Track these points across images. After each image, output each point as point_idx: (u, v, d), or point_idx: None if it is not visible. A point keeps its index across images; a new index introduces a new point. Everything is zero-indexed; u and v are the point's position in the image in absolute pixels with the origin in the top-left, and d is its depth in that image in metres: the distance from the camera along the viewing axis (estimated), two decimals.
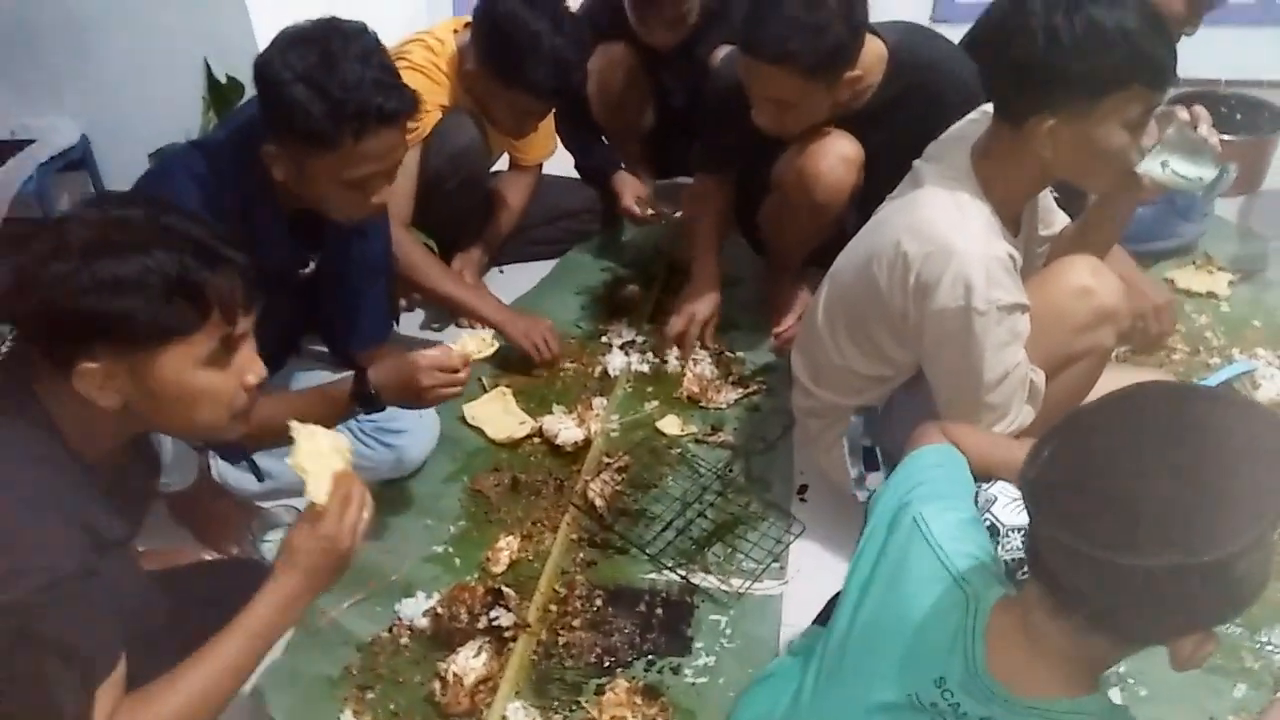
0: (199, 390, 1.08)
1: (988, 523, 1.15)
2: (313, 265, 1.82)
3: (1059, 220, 1.76)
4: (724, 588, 1.75)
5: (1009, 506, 1.15)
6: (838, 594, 1.22)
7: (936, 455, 1.24)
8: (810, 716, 1.12)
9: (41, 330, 1.04)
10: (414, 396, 1.64)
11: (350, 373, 1.66)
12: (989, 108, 1.49)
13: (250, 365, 1.14)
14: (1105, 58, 1.31)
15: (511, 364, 2.29)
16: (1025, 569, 1.01)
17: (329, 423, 1.69)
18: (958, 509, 1.11)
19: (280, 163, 1.56)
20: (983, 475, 1.23)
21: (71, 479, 1.08)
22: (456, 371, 1.63)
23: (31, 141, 2.67)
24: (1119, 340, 1.66)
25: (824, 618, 1.33)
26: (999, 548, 1.12)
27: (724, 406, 2.17)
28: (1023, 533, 1.11)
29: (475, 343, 1.65)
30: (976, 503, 1.17)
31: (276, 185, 1.61)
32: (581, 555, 1.83)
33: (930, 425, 1.36)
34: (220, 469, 1.87)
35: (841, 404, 1.73)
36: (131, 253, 1.01)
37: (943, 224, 1.45)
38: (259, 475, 1.84)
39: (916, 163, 1.59)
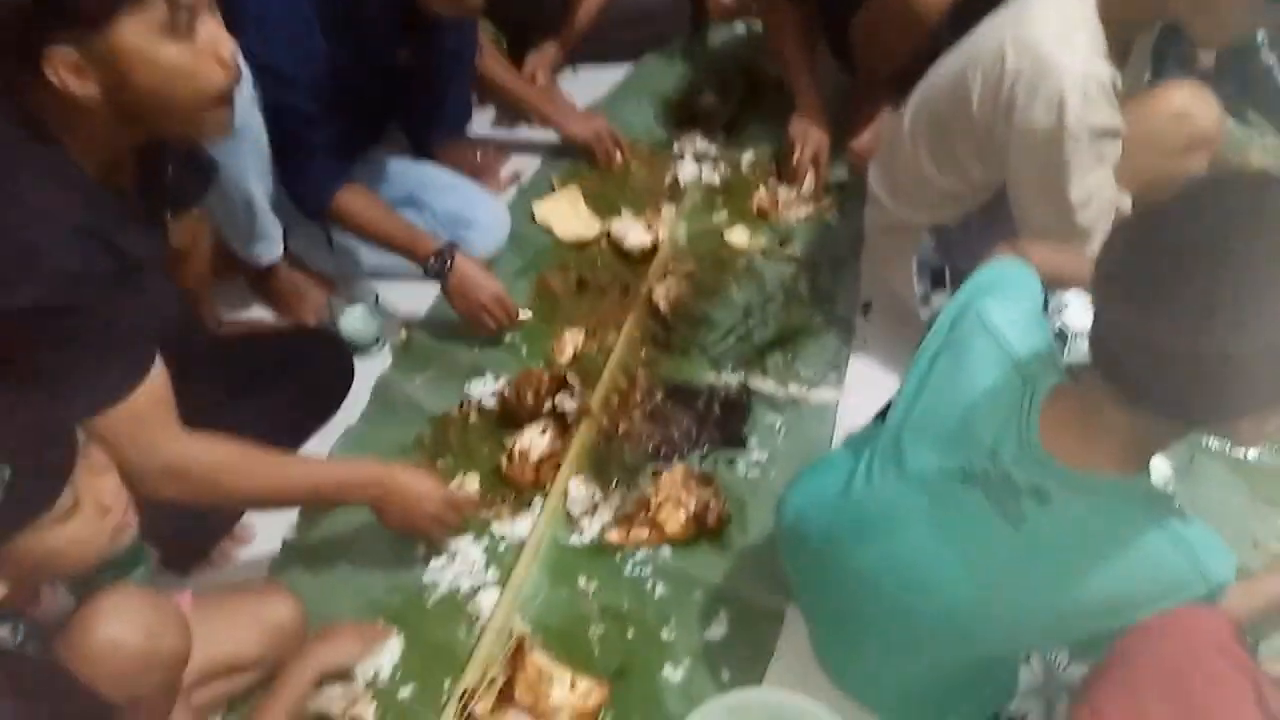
0: (168, 65, 1.05)
1: (1057, 327, 1.16)
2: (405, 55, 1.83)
3: None
4: (781, 392, 1.80)
5: (1080, 312, 1.16)
6: (893, 400, 1.26)
7: (1005, 264, 1.24)
8: (863, 496, 1.17)
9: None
10: (465, 304, 1.83)
11: (445, 246, 1.82)
12: None
13: (219, 39, 1.10)
14: None
15: (578, 163, 2.29)
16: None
17: (406, 257, 1.83)
18: (1022, 305, 1.12)
19: None
20: (1055, 285, 1.23)
21: (81, 193, 1.09)
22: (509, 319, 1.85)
23: None
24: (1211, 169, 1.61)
25: (882, 416, 1.38)
26: (1066, 352, 1.13)
27: (794, 222, 2.16)
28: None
29: None
30: (1046, 309, 1.18)
31: None
32: (644, 353, 1.88)
33: (1002, 244, 1.36)
34: (298, 242, 1.93)
35: (916, 220, 1.71)
36: None
37: (1048, 37, 1.39)
38: (330, 243, 1.89)
39: None
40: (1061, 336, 1.17)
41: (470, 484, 1.61)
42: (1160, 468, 1.61)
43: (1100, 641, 1.04)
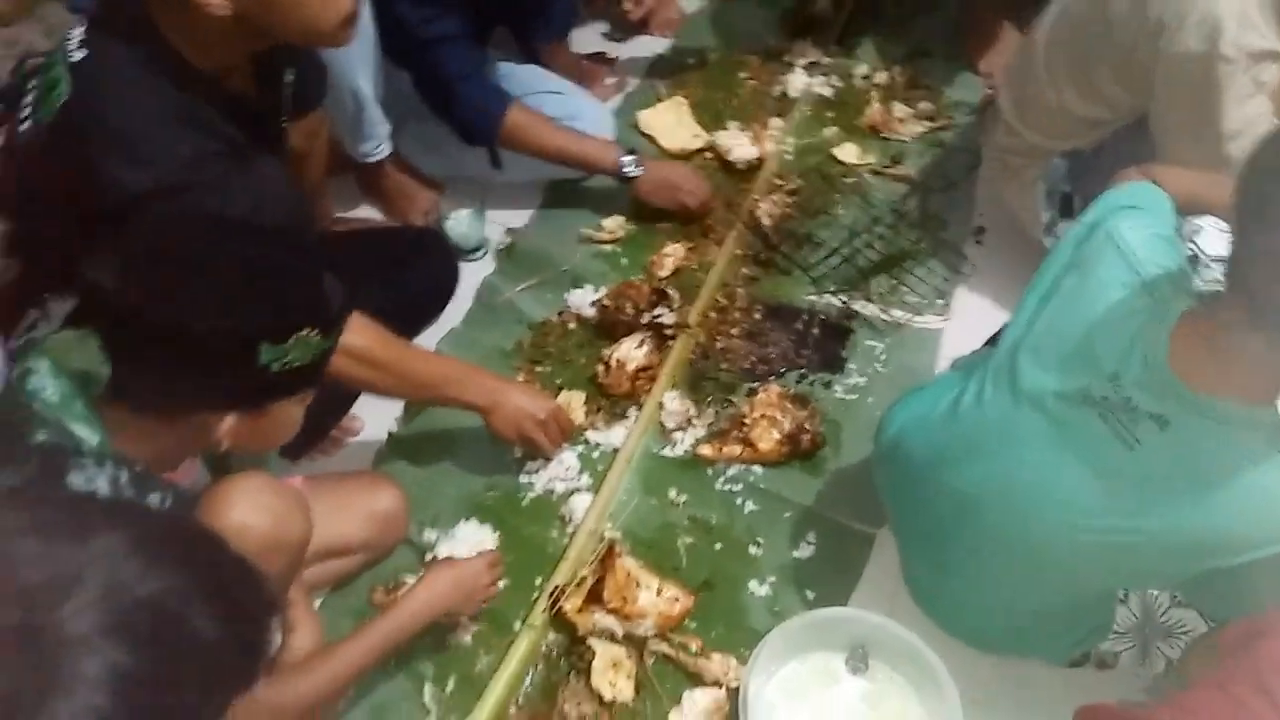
0: None
1: (1190, 252, 1.11)
2: None
3: None
4: (884, 317, 1.76)
5: (1214, 237, 1.11)
6: (1007, 324, 1.22)
7: (1135, 188, 1.18)
8: (972, 416, 1.15)
9: None
10: (666, 193, 1.87)
11: (622, 150, 1.87)
12: None
13: None
14: None
15: (686, 74, 2.24)
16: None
17: (587, 167, 1.88)
18: (1154, 227, 1.08)
19: None
20: (1190, 211, 1.16)
21: (196, 93, 1.13)
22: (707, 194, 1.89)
23: None
24: None
25: (992, 341, 1.34)
26: (1198, 277, 1.08)
27: (907, 139, 2.09)
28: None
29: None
30: (1179, 233, 1.12)
31: None
32: (744, 271, 1.86)
33: (1132, 169, 1.28)
34: (407, 143, 1.94)
35: (1046, 146, 1.64)
36: None
37: None
38: (497, 162, 1.91)
39: None
40: (1194, 260, 1.11)
41: (575, 401, 1.63)
42: None
43: (1205, 584, 1.02)
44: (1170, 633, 1.21)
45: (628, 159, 1.85)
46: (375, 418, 1.61)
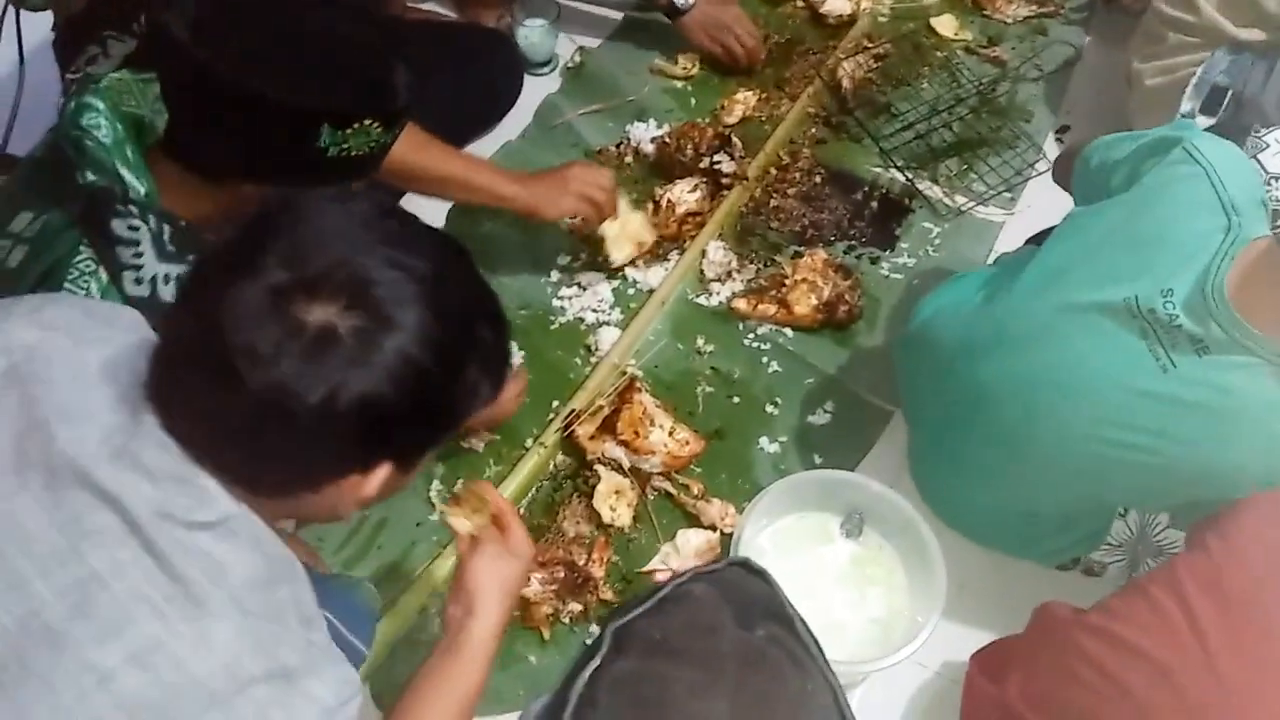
0: None
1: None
2: None
3: None
4: (947, 201, 1.71)
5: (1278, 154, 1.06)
6: (1055, 226, 1.19)
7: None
8: (1008, 310, 1.13)
9: None
10: (714, 35, 1.80)
11: None
12: None
13: None
14: None
15: None
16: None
17: None
18: (1234, 147, 1.04)
19: None
20: None
21: None
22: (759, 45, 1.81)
23: None
24: None
25: (1037, 241, 1.30)
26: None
27: (1009, 21, 1.97)
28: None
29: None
30: (1245, 146, 1.07)
31: None
32: (813, 131, 1.80)
33: None
34: None
35: (1227, 32, 1.54)
36: None
37: None
38: None
39: None
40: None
41: (639, 222, 1.58)
42: None
43: (1202, 510, 1.02)
44: (1162, 551, 1.23)
45: None
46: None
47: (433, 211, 1.57)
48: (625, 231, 1.53)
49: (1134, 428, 1.02)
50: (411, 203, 1.47)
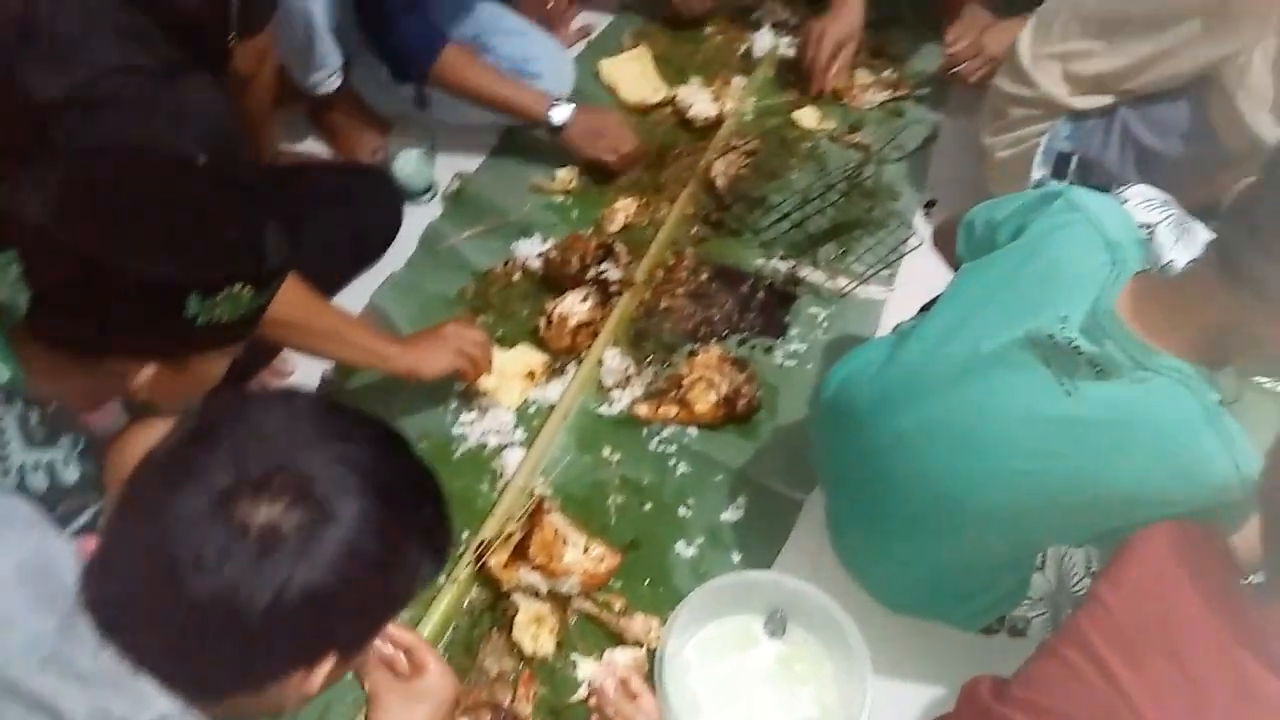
0: None
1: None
2: None
3: None
4: (829, 284, 1.76)
5: (1139, 206, 1.17)
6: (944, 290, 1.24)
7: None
8: (914, 359, 1.17)
9: None
10: (594, 144, 1.84)
11: (554, 99, 1.83)
12: None
13: None
14: None
15: (653, 22, 2.19)
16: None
17: (515, 112, 1.82)
18: (1108, 196, 1.14)
19: None
20: None
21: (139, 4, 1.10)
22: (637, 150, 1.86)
23: None
24: None
25: (929, 308, 1.35)
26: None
27: (867, 108, 2.07)
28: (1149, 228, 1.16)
29: None
30: None
31: None
32: (695, 230, 1.84)
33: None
34: (359, 79, 1.89)
35: (1064, 102, 1.63)
36: None
37: None
38: (422, 102, 1.86)
39: None
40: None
41: (533, 359, 1.62)
42: None
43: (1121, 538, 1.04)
44: (1081, 600, 1.24)
45: (557, 108, 1.80)
46: (310, 360, 1.58)
47: None
48: (506, 376, 1.55)
49: (1044, 454, 1.05)
50: None
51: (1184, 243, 1.25)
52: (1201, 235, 1.26)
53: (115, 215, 0.89)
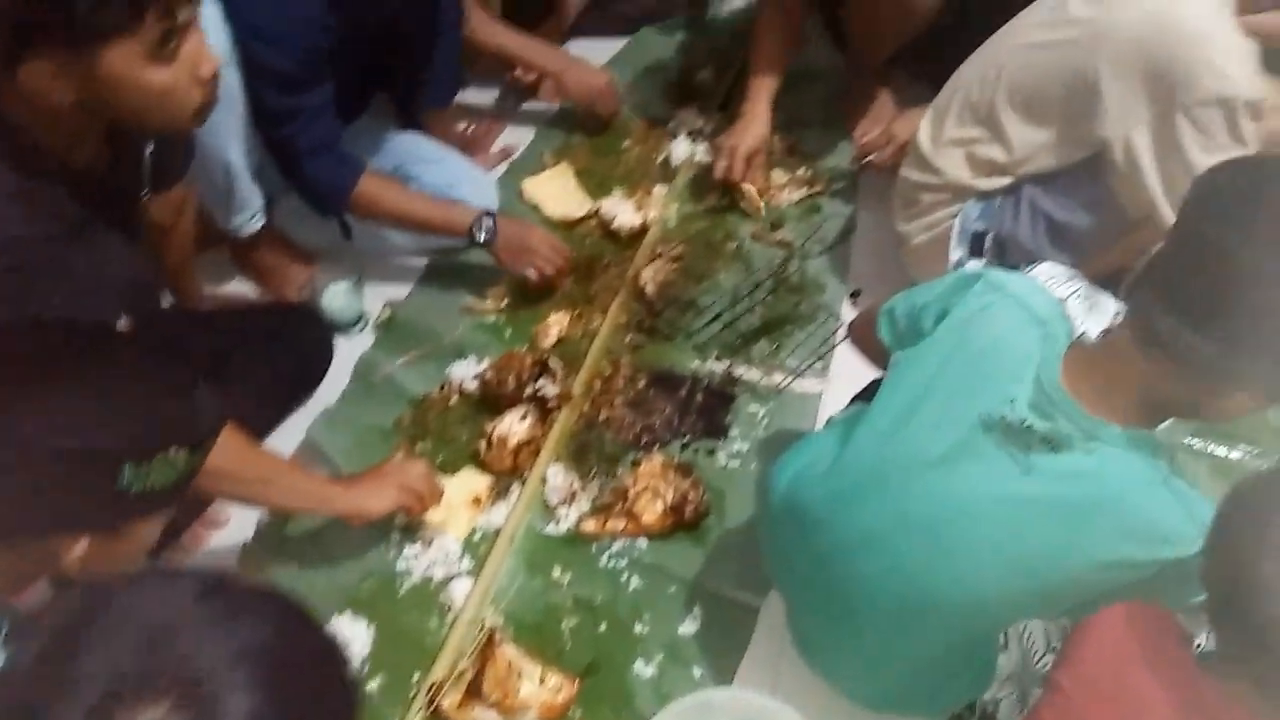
0: (149, 89, 1.06)
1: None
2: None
3: None
4: (764, 381, 1.78)
5: (1047, 284, 1.22)
6: (879, 379, 1.25)
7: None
8: (867, 452, 1.16)
9: None
10: (520, 258, 1.83)
11: (479, 211, 1.82)
12: None
13: (201, 58, 1.10)
14: None
15: (572, 139, 2.24)
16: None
17: (441, 232, 1.84)
18: (1025, 274, 1.19)
19: None
20: None
21: (36, 169, 1.09)
22: (564, 259, 1.86)
23: None
24: None
25: (866, 396, 1.36)
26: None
27: (785, 205, 2.13)
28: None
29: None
30: None
31: None
32: (629, 338, 1.86)
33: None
34: (282, 216, 1.90)
35: (966, 184, 1.69)
36: None
37: (1199, 6, 1.42)
38: (347, 233, 1.87)
39: None
40: None
41: (479, 483, 1.61)
42: None
43: (1090, 610, 1.04)
44: (1044, 678, 1.23)
45: (481, 223, 1.81)
46: (243, 510, 1.54)
47: None
48: (451, 505, 1.52)
49: (1012, 537, 1.05)
50: None
51: (1094, 314, 1.29)
52: (1110, 305, 1.30)
53: (37, 391, 0.87)
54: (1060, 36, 1.53)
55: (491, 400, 1.71)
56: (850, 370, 1.76)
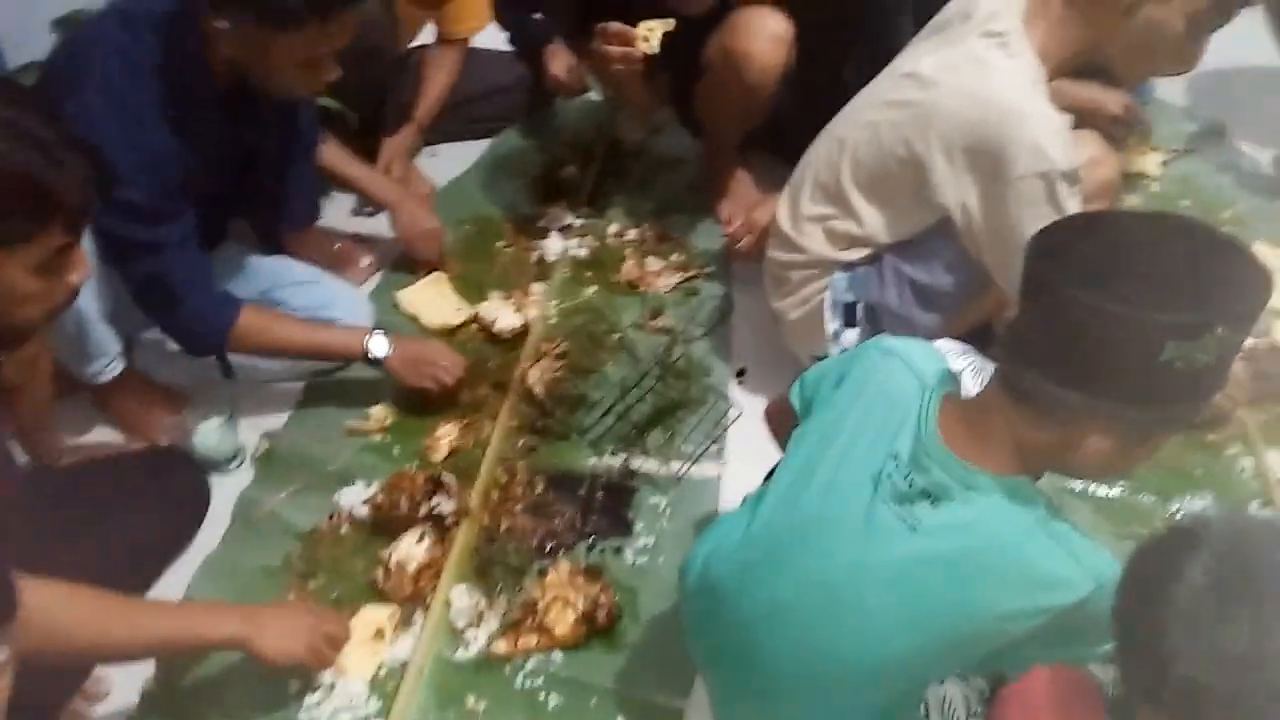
0: (22, 293, 1.04)
1: None
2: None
3: None
4: (663, 471, 1.77)
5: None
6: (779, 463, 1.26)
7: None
8: (775, 521, 1.16)
9: None
10: (419, 370, 1.81)
11: (367, 327, 1.83)
12: None
13: (78, 266, 1.09)
14: None
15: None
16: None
17: (333, 356, 1.82)
18: (915, 338, 1.22)
19: (230, 40, 1.49)
20: None
21: None
22: (461, 368, 1.84)
23: None
24: None
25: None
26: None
27: (663, 292, 2.16)
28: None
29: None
30: None
31: (213, 61, 1.55)
32: (522, 442, 1.82)
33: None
34: (143, 358, 1.81)
35: (830, 258, 1.74)
36: None
37: (1015, 88, 1.50)
38: (228, 371, 1.79)
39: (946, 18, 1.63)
40: None
41: (381, 615, 1.53)
42: None
43: (996, 661, 1.05)
44: None
45: (373, 340, 1.77)
46: (126, 677, 1.42)
47: None
48: (352, 644, 1.44)
49: (909, 596, 1.05)
50: None
51: (983, 382, 1.34)
52: None
53: None
54: (895, 117, 1.62)
55: (385, 525, 1.64)
56: (746, 450, 1.78)
